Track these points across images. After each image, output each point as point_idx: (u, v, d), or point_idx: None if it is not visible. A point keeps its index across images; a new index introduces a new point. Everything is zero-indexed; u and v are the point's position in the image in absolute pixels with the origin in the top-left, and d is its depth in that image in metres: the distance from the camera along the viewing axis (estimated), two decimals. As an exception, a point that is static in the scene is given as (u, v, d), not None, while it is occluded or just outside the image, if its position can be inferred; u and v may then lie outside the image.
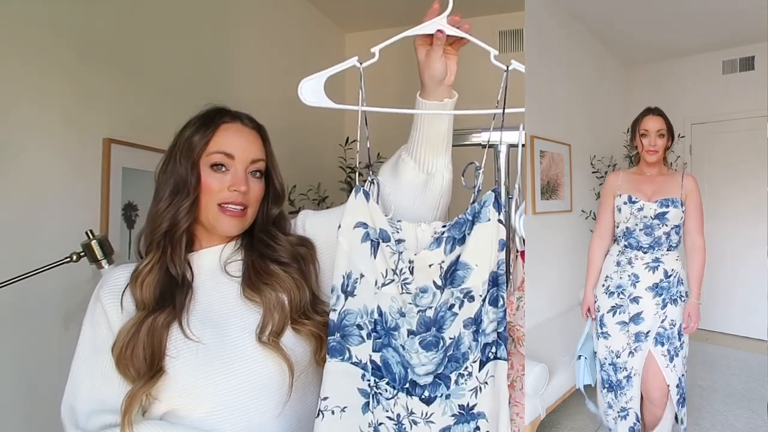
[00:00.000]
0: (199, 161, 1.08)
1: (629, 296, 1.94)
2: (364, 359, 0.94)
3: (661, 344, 1.90)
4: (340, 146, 3.09)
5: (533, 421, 2.03)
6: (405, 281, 0.94)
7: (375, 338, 0.94)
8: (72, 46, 1.83)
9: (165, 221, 1.07)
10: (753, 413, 2.30)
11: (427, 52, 1.00)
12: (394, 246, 0.95)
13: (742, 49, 2.89)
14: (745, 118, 2.82)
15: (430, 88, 1.01)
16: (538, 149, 2.66)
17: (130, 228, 2.01)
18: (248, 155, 1.09)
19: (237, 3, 2.66)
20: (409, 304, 0.94)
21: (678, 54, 3.04)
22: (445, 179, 1.06)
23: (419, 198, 1.06)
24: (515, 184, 1.68)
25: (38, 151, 1.73)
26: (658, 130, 1.97)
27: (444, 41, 0.98)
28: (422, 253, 0.94)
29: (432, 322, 0.93)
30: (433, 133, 1.03)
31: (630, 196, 1.97)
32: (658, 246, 1.96)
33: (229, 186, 1.07)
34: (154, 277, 1.06)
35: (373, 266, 0.94)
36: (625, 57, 3.19)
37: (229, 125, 1.10)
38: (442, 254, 0.94)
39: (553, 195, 2.80)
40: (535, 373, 2.00)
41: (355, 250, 0.95)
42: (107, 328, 1.05)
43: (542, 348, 2.30)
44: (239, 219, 1.08)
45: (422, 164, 1.05)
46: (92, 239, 1.44)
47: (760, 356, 2.62)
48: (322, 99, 0.99)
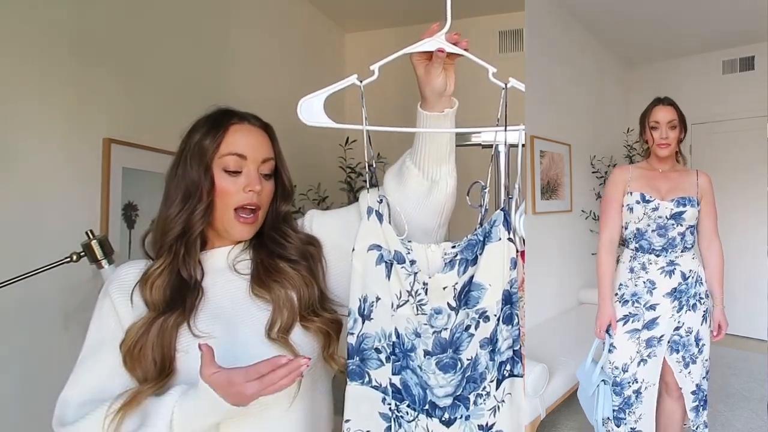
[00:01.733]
0: (211, 164, 1.07)
1: (645, 304, 1.77)
2: (384, 383, 0.94)
3: (676, 351, 1.78)
4: (340, 146, 3.09)
5: (533, 421, 2.04)
6: (420, 302, 0.94)
7: (394, 361, 0.95)
8: (72, 46, 1.83)
9: (178, 225, 1.06)
10: (753, 413, 2.30)
11: (426, 68, 1.00)
12: (408, 267, 0.95)
13: (742, 49, 2.89)
14: (745, 118, 2.83)
15: (431, 100, 1.02)
16: (538, 149, 2.66)
17: (130, 228, 2.01)
18: (259, 155, 1.09)
19: (237, 3, 2.66)
20: (424, 324, 0.94)
21: (678, 54, 3.04)
22: (449, 186, 1.07)
23: (424, 204, 1.06)
24: (515, 184, 1.69)
25: (38, 151, 1.73)
26: (669, 121, 1.78)
27: (444, 58, 0.98)
28: (436, 276, 0.95)
29: (448, 343, 0.93)
30: (436, 144, 1.04)
31: (643, 195, 1.77)
32: (672, 248, 1.78)
33: (244, 187, 1.06)
34: (165, 279, 1.06)
35: (388, 288, 0.95)
36: (626, 57, 3.19)
37: (239, 126, 1.09)
38: (455, 276, 0.94)
39: (553, 195, 2.81)
40: (535, 373, 2.00)
41: (370, 273, 0.95)
42: (116, 323, 1.06)
43: (542, 348, 2.30)
44: (253, 226, 1.09)
45: (426, 173, 1.06)
46: (92, 239, 1.43)
47: (760, 356, 2.63)
48: (323, 119, 0.98)
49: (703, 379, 1.83)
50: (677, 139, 1.80)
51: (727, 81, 2.97)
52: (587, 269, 2.94)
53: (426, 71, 1.00)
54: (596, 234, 2.89)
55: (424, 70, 1.00)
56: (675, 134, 1.79)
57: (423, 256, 0.97)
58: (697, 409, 1.83)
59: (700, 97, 2.98)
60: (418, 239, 1.00)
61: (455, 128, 1.03)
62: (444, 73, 0.99)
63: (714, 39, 2.90)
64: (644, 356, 1.78)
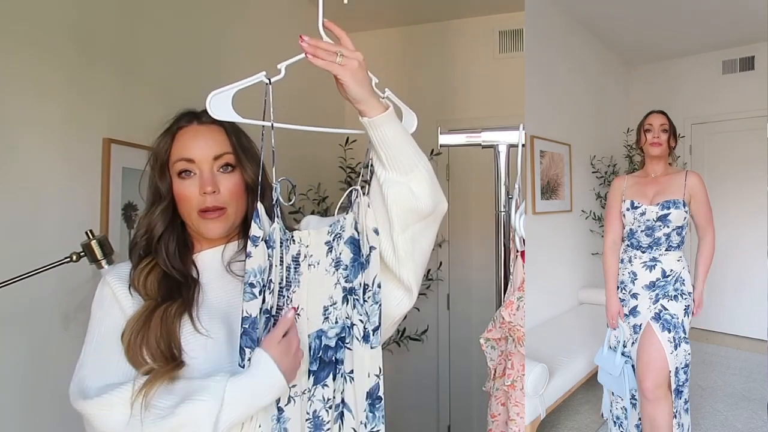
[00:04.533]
0: (167, 170, 1.10)
1: (629, 292, 2.02)
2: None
3: (667, 330, 1.92)
4: (340, 146, 3.09)
5: (533, 421, 2.03)
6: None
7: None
8: (72, 46, 1.83)
9: (141, 229, 1.11)
10: (753, 413, 2.30)
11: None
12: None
13: (742, 49, 2.89)
14: (745, 118, 2.82)
15: (358, 110, 1.02)
16: (538, 149, 2.66)
17: (130, 228, 2.01)
18: (208, 153, 1.08)
19: (237, 3, 2.67)
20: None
21: (678, 54, 3.04)
22: (428, 170, 1.06)
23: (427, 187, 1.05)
24: (515, 184, 1.69)
25: (38, 151, 1.73)
26: (661, 125, 2.02)
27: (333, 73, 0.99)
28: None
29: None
30: (399, 153, 1.02)
31: (632, 202, 2.01)
32: (657, 246, 1.99)
33: (199, 189, 1.07)
34: (156, 275, 1.07)
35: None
36: (626, 57, 3.19)
37: (186, 129, 1.11)
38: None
39: (553, 195, 2.80)
40: (535, 373, 2.00)
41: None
42: (119, 311, 1.05)
43: (542, 348, 2.30)
44: (219, 221, 1.09)
45: (404, 173, 1.04)
46: (92, 239, 1.43)
47: (760, 356, 2.63)
48: (230, 113, 1.00)
49: (681, 369, 1.91)
50: (668, 140, 2.03)
51: (727, 81, 2.96)
52: (587, 269, 2.94)
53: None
54: (596, 234, 2.90)
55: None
56: (666, 136, 2.02)
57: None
58: (675, 392, 1.91)
59: (700, 97, 2.98)
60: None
61: (396, 130, 1.02)
62: (339, 87, 1.01)
63: (714, 39, 2.89)
64: (634, 340, 2.00)
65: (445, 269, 3.52)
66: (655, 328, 1.93)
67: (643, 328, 1.96)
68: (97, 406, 0.95)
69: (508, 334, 1.58)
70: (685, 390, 1.93)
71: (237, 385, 0.93)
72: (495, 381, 1.68)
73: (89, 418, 0.96)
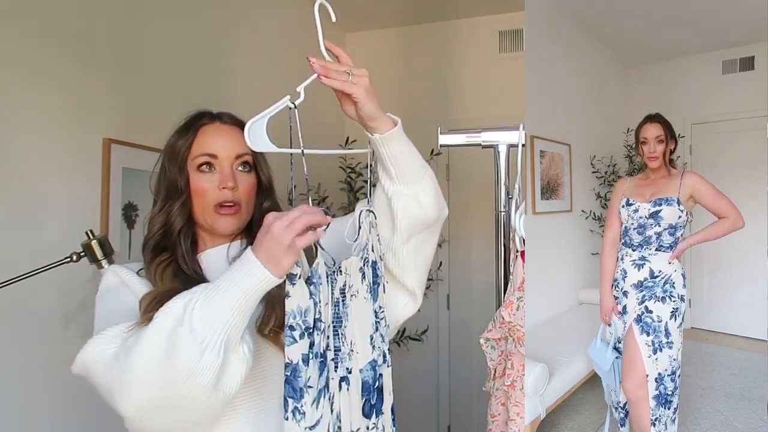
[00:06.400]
0: (185, 165, 1.11)
1: (621, 289, 2.03)
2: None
3: (646, 333, 1.93)
4: (340, 146, 3.09)
5: (533, 421, 2.03)
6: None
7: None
8: (73, 47, 1.83)
9: (157, 224, 1.11)
10: (753, 413, 2.30)
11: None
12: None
13: (742, 49, 2.89)
14: (745, 118, 2.82)
15: (368, 127, 1.02)
16: (538, 149, 2.66)
17: (130, 228, 2.01)
18: (231, 152, 1.12)
19: (237, 3, 2.67)
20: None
21: (678, 54, 3.04)
22: (433, 179, 1.07)
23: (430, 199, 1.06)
24: (515, 184, 1.69)
25: (39, 151, 1.73)
26: (656, 137, 2.03)
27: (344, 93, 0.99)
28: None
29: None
30: (408, 165, 1.03)
31: (628, 200, 2.03)
32: (647, 245, 2.00)
33: (219, 184, 1.10)
34: (171, 271, 1.07)
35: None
36: (626, 57, 3.19)
37: (209, 126, 1.14)
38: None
39: (553, 195, 2.81)
40: (535, 373, 2.00)
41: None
42: (130, 293, 1.05)
43: (542, 348, 2.30)
44: (234, 217, 1.11)
45: (410, 185, 1.05)
46: (92, 239, 1.43)
47: (760, 356, 2.62)
48: (265, 143, 1.00)
49: (668, 376, 1.92)
50: (664, 151, 2.04)
51: (727, 81, 2.96)
52: (587, 269, 2.93)
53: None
54: (596, 234, 2.90)
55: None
56: (662, 147, 2.03)
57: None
58: (658, 399, 1.91)
59: (700, 97, 2.98)
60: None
61: (405, 144, 1.02)
62: (352, 105, 1.01)
63: (714, 39, 2.89)
64: (623, 337, 2.02)
65: (445, 269, 3.52)
66: (635, 329, 1.95)
67: (627, 327, 1.99)
68: (92, 344, 0.91)
69: (508, 334, 1.59)
70: (675, 400, 1.92)
71: (208, 285, 0.89)
72: (495, 381, 1.68)
73: (88, 365, 0.91)
